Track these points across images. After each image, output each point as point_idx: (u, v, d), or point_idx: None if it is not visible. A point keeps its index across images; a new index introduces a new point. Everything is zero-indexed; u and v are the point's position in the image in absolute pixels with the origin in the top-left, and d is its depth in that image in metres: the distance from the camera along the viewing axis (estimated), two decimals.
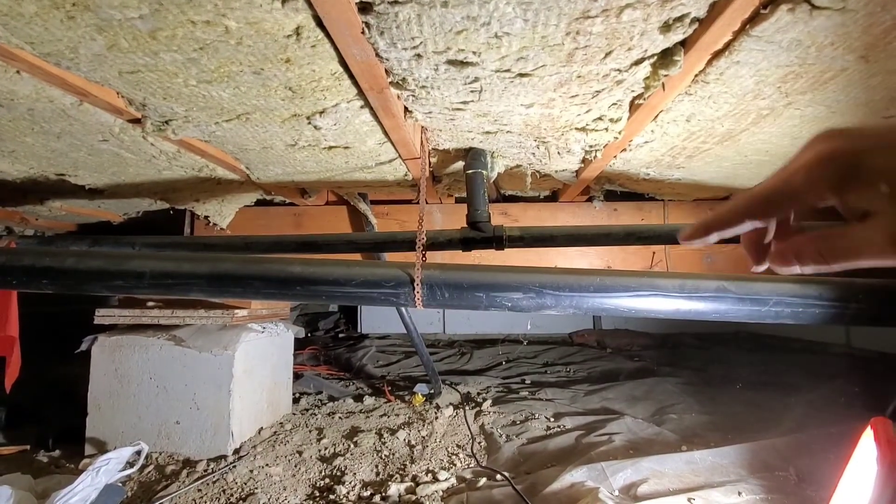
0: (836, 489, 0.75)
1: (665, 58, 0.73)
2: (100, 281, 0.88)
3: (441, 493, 1.20)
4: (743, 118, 0.98)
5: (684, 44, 0.70)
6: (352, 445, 1.50)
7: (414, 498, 1.17)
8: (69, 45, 0.66)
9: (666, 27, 0.66)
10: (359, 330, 3.65)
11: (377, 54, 0.72)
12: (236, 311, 1.54)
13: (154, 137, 1.04)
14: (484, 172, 1.24)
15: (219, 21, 0.62)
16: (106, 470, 1.14)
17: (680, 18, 0.64)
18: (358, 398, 2.01)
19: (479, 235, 1.27)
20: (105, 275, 0.87)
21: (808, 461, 1.22)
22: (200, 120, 0.96)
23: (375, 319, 3.61)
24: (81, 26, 0.62)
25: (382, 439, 1.55)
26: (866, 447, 0.71)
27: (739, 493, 1.10)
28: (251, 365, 1.55)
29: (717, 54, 0.73)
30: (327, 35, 0.66)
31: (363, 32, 0.65)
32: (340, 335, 3.59)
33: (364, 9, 0.61)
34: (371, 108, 0.92)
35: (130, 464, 1.24)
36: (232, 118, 0.95)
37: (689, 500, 1.07)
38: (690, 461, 1.25)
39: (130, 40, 0.65)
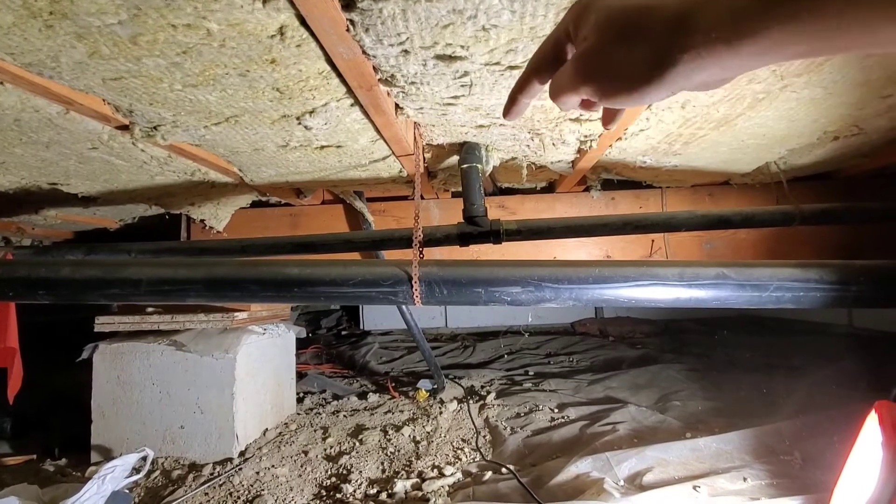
0: (841, 473, 0.75)
1: None
2: (96, 290, 0.87)
3: (447, 489, 1.20)
4: (738, 103, 0.96)
5: None
6: (357, 443, 1.50)
7: (420, 494, 1.18)
8: (50, 54, 0.65)
9: None
10: (361, 327, 3.65)
11: (364, 52, 0.70)
12: (236, 314, 1.54)
13: (143, 143, 1.03)
14: (479, 166, 1.23)
15: (200, 24, 0.60)
16: (112, 477, 1.15)
17: None
18: (362, 396, 2.02)
19: (476, 230, 1.26)
20: (101, 283, 0.87)
21: (813, 445, 1.22)
22: (189, 124, 0.95)
23: (378, 316, 3.61)
24: (60, 35, 0.61)
25: (387, 436, 1.55)
26: (871, 431, 0.71)
27: (745, 479, 1.10)
28: (253, 367, 1.55)
29: None
30: (312, 34, 0.65)
31: (348, 30, 0.64)
32: (343, 333, 3.59)
33: (347, 6, 0.60)
34: (361, 106, 0.90)
35: (137, 470, 1.24)
36: (221, 121, 0.94)
37: (694, 487, 1.08)
38: (695, 448, 1.25)
39: (111, 47, 0.64)
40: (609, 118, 0.41)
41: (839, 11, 0.22)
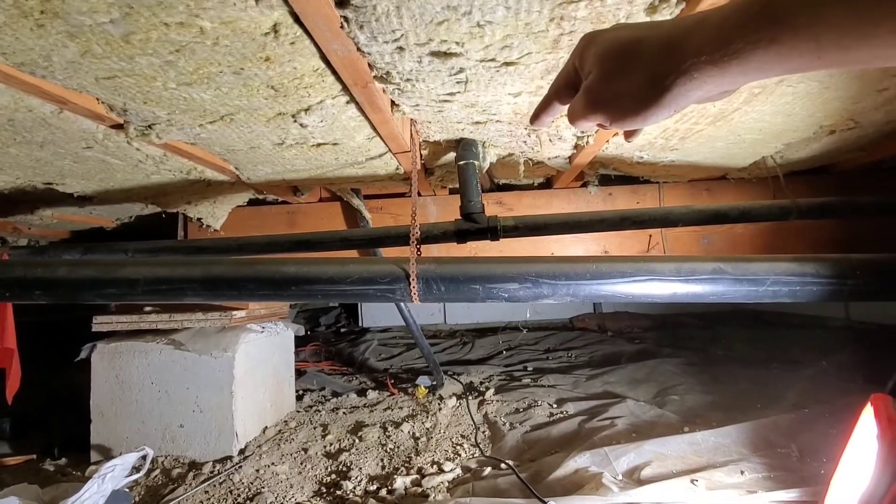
0: (837, 466, 0.75)
1: None
2: (93, 290, 0.87)
3: (447, 484, 1.21)
4: (735, 97, 0.96)
5: None
6: (357, 440, 1.51)
7: (420, 490, 1.18)
8: (42, 53, 0.65)
9: (652, 8, 0.64)
10: (360, 324, 3.65)
11: (358, 49, 0.70)
12: (234, 312, 1.54)
13: (139, 142, 1.02)
14: (476, 163, 1.23)
15: (192, 22, 0.60)
16: (112, 476, 1.15)
17: None
18: (361, 393, 2.02)
19: (473, 227, 1.26)
20: (98, 283, 0.87)
21: (810, 438, 1.22)
22: (184, 123, 0.94)
23: (376, 313, 3.62)
24: (52, 34, 0.60)
25: (387, 433, 1.55)
26: (867, 424, 0.71)
27: (742, 473, 1.11)
28: (252, 365, 1.55)
29: None
30: (306, 31, 0.65)
31: (342, 27, 0.63)
32: (342, 330, 3.60)
33: (341, 3, 0.59)
34: (357, 104, 0.90)
35: (136, 469, 1.25)
36: (216, 119, 0.94)
37: (692, 481, 1.08)
38: (693, 442, 1.26)
39: (104, 45, 0.64)
40: (629, 133, 0.44)
41: (816, 35, 0.24)
